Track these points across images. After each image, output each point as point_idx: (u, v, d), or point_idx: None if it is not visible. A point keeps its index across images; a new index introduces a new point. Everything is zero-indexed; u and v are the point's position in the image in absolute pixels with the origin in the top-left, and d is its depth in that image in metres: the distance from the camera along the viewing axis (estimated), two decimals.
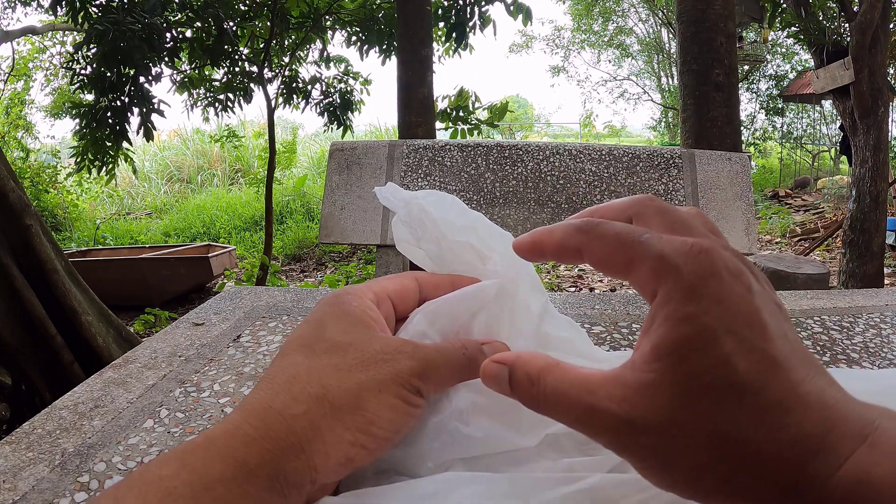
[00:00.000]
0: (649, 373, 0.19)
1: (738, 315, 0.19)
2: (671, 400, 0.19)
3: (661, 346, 0.19)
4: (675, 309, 0.19)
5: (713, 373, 0.18)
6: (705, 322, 0.19)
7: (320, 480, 0.24)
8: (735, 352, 0.18)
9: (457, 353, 0.28)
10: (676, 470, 0.19)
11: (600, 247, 0.22)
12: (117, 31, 2.65)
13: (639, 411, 0.19)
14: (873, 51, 3.86)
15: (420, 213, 0.33)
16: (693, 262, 0.20)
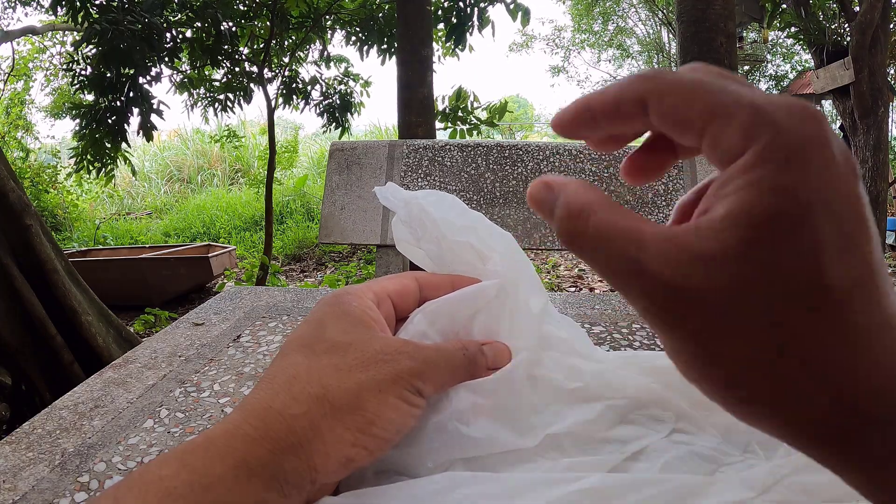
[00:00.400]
0: (716, 241, 0.16)
1: (844, 199, 0.16)
2: (739, 280, 0.15)
3: (740, 214, 0.16)
4: (770, 174, 0.15)
5: (802, 263, 0.15)
6: (807, 198, 0.15)
7: (320, 480, 0.24)
8: (834, 245, 0.15)
9: (457, 354, 0.28)
10: (716, 363, 0.16)
11: (674, 93, 0.18)
12: (117, 31, 2.65)
13: (693, 282, 0.16)
14: (873, 51, 3.86)
15: (420, 213, 0.33)
16: (799, 122, 0.16)
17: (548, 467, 0.28)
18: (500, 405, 0.29)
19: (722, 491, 0.25)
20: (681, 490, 0.25)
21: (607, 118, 0.19)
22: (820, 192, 0.15)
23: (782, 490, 0.25)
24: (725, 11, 2.13)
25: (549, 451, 0.29)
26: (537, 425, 0.29)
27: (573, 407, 0.30)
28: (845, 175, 0.16)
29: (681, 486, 0.25)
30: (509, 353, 0.30)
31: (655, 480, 0.25)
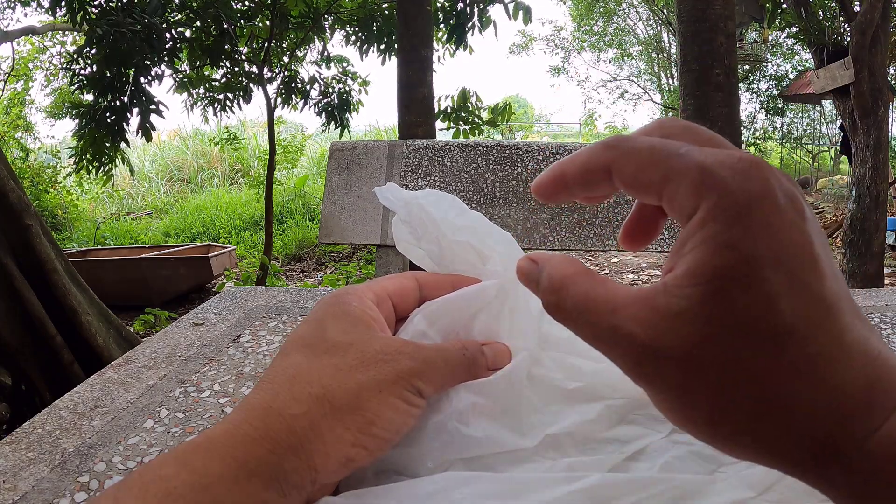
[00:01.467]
0: (681, 299, 0.17)
1: (790, 247, 0.17)
2: (702, 334, 0.17)
3: (697, 272, 0.17)
4: (719, 231, 0.17)
5: (756, 313, 0.16)
6: (753, 252, 0.16)
7: (320, 480, 0.24)
8: (784, 292, 0.16)
9: (457, 354, 0.28)
10: (696, 408, 0.17)
11: (632, 161, 0.20)
12: (117, 32, 2.65)
13: (665, 340, 0.17)
14: (873, 51, 3.86)
15: (420, 213, 0.33)
16: (742, 178, 0.17)
17: (547, 467, 0.28)
18: (499, 405, 0.29)
19: (722, 490, 0.25)
20: (681, 489, 0.25)
21: (579, 186, 0.22)
22: (765, 243, 0.17)
23: (783, 489, 0.25)
24: (725, 11, 2.13)
25: (548, 451, 0.29)
26: (537, 425, 0.29)
27: (573, 407, 0.30)
28: (791, 221, 0.17)
29: (681, 485, 0.25)
30: (509, 354, 0.30)
31: (656, 480, 0.25)
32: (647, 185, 0.19)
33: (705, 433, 0.18)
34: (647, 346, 0.18)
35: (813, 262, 0.17)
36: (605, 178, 0.21)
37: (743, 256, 0.16)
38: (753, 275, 0.16)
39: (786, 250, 0.17)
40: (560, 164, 0.22)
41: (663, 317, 0.17)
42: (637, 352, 0.18)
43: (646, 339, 0.18)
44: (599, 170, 0.21)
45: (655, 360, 0.17)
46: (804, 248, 0.17)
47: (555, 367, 0.31)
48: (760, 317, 0.16)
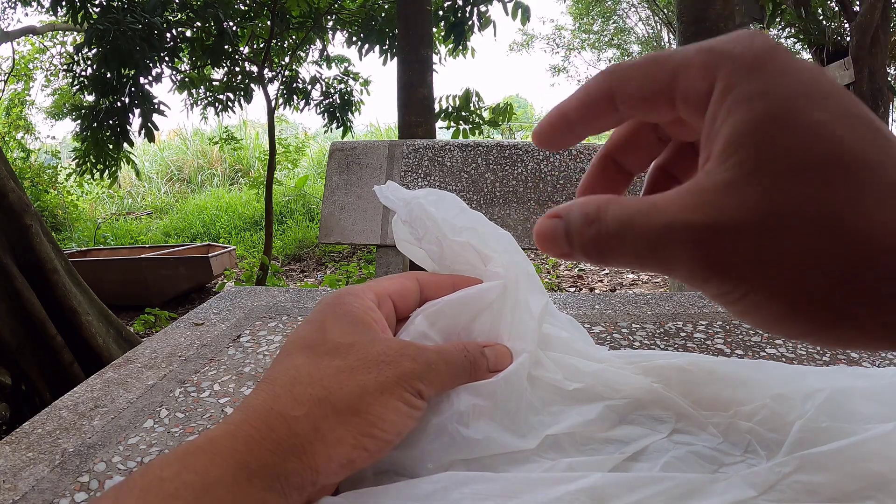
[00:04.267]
0: (730, 170, 0.16)
1: (819, 84, 0.16)
2: (767, 190, 0.15)
3: (736, 135, 0.16)
4: (743, 90, 0.16)
5: (812, 147, 0.15)
6: (784, 92, 0.16)
7: (321, 481, 0.24)
8: (832, 121, 0.15)
9: (458, 356, 0.28)
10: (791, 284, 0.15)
11: (635, 75, 0.19)
12: (118, 31, 2.65)
13: (729, 213, 0.15)
14: (873, 51, 3.86)
15: (420, 213, 0.33)
16: (746, 42, 0.17)
17: (547, 467, 0.28)
18: (500, 407, 0.28)
19: (724, 490, 0.25)
20: (682, 489, 0.24)
21: (582, 120, 0.21)
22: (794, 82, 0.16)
23: (784, 489, 0.25)
24: (725, 11, 2.13)
25: (549, 452, 0.29)
26: (537, 426, 0.29)
27: (573, 407, 0.30)
28: (806, 65, 0.16)
29: (682, 484, 0.25)
30: (510, 356, 0.30)
31: (656, 479, 0.25)
32: (655, 93, 0.18)
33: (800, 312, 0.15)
34: (709, 228, 0.16)
35: (850, 96, 0.16)
36: (608, 105, 0.20)
37: (777, 97, 0.15)
38: (794, 111, 0.15)
39: (819, 87, 0.16)
40: (559, 105, 0.21)
41: (716, 193, 0.16)
42: (700, 238, 0.16)
43: (706, 220, 0.16)
44: (601, 97, 0.20)
45: (723, 240, 0.15)
46: (836, 86, 0.16)
47: (555, 368, 0.31)
48: (820, 146, 0.15)
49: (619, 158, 0.24)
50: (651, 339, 0.53)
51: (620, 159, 0.24)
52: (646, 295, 0.66)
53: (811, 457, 0.25)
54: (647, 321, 0.57)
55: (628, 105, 0.19)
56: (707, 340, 0.53)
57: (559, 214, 0.19)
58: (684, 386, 0.32)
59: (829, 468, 0.25)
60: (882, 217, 0.14)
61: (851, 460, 0.25)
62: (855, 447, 0.25)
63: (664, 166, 0.23)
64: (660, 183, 0.23)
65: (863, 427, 0.27)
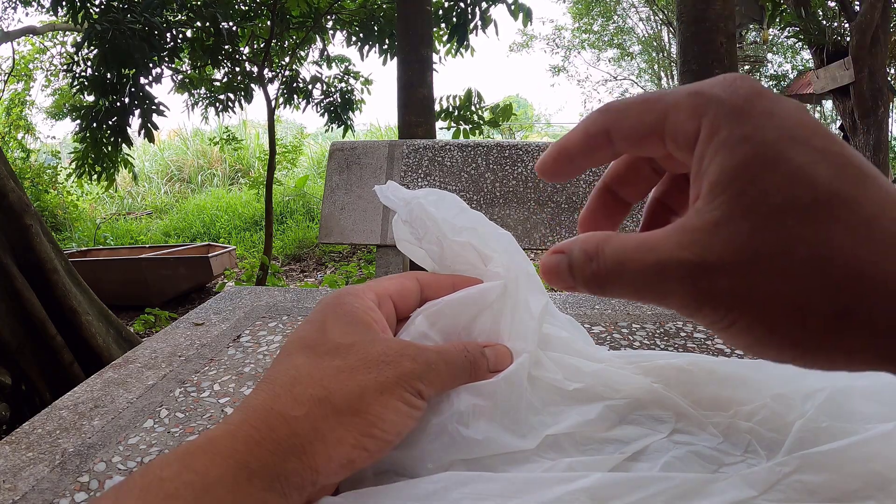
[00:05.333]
0: (716, 209, 0.17)
1: (800, 126, 0.17)
2: (751, 230, 0.16)
3: (721, 177, 0.17)
4: (728, 134, 0.17)
5: (792, 188, 0.16)
6: (766, 137, 0.16)
7: (321, 481, 0.24)
8: (811, 162, 0.16)
9: (458, 356, 0.28)
10: (773, 312, 0.16)
11: (629, 114, 0.20)
12: (117, 31, 2.65)
13: (715, 251, 0.17)
14: (873, 51, 3.86)
15: (421, 213, 0.33)
16: (732, 87, 0.18)
17: (547, 467, 0.28)
18: (500, 407, 0.28)
19: (724, 490, 0.25)
20: (682, 489, 0.24)
21: (582, 154, 0.22)
22: (776, 126, 0.17)
23: (784, 489, 0.25)
24: (725, 11, 2.13)
25: (549, 452, 0.29)
26: (537, 426, 0.29)
27: (573, 407, 0.30)
28: (793, 107, 0.17)
29: (682, 484, 0.25)
30: (511, 356, 0.30)
31: (656, 479, 0.25)
32: (648, 132, 0.20)
33: (789, 341, 0.16)
34: (697, 265, 0.17)
35: (830, 135, 0.17)
36: (605, 141, 0.21)
37: (759, 142, 0.16)
38: (775, 154, 0.16)
39: (800, 129, 0.17)
40: (559, 141, 0.23)
41: (704, 232, 0.17)
42: (689, 275, 0.17)
43: (694, 258, 0.17)
44: (599, 133, 0.21)
45: (714, 276, 0.17)
46: (817, 126, 0.17)
47: (555, 368, 0.31)
48: (799, 190, 0.16)
49: (617, 190, 0.25)
50: (651, 339, 0.53)
51: (618, 190, 0.25)
52: None
53: (811, 457, 0.25)
54: (647, 321, 0.57)
55: (623, 142, 0.21)
56: (707, 340, 0.53)
57: (563, 250, 0.21)
58: (684, 386, 0.32)
59: (829, 468, 0.25)
60: (862, 253, 0.15)
61: (851, 460, 0.25)
62: (855, 447, 0.25)
63: (661, 199, 0.25)
64: (657, 214, 0.25)
65: (863, 427, 0.27)
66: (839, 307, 0.15)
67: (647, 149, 0.21)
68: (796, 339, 0.16)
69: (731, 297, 0.17)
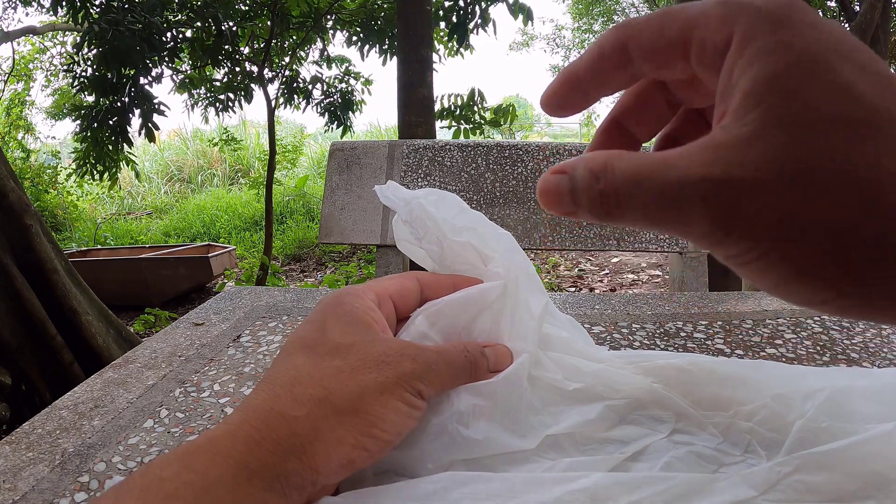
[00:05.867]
0: (749, 124, 0.15)
1: (842, 39, 0.15)
2: (789, 143, 0.14)
3: (756, 88, 0.15)
4: (765, 42, 0.15)
5: (838, 102, 0.14)
6: (807, 46, 0.15)
7: (321, 481, 0.24)
8: (856, 77, 0.15)
9: (458, 356, 0.28)
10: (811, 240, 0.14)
11: (650, 25, 0.18)
12: (117, 31, 2.65)
13: (747, 169, 0.15)
14: (873, 51, 3.85)
15: (421, 213, 0.33)
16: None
17: (547, 467, 0.28)
18: (500, 407, 0.28)
19: (724, 490, 0.25)
20: (682, 489, 0.24)
21: (593, 78, 0.19)
22: (816, 37, 0.15)
23: (784, 489, 0.25)
24: None
25: (549, 452, 0.29)
26: (537, 426, 0.29)
27: (573, 407, 0.30)
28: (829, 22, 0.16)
29: (682, 484, 0.25)
30: (511, 356, 0.30)
31: (656, 479, 0.25)
32: (670, 46, 0.18)
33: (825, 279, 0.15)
34: (726, 183, 0.15)
35: (871, 53, 0.15)
36: (622, 60, 0.19)
37: (799, 50, 0.15)
38: (817, 64, 0.15)
39: (839, 41, 0.15)
40: (568, 65, 0.20)
41: (734, 148, 0.15)
42: (717, 194, 0.15)
43: (723, 175, 0.15)
44: (615, 51, 0.19)
45: (741, 196, 0.15)
46: (857, 42, 0.15)
47: (555, 368, 0.31)
48: (846, 103, 0.14)
49: (627, 124, 0.22)
50: (651, 339, 0.53)
51: (628, 124, 0.22)
52: (646, 295, 0.66)
53: (811, 457, 0.25)
54: (647, 321, 0.57)
55: (643, 58, 0.18)
56: (707, 340, 0.53)
57: (565, 170, 0.18)
58: (684, 386, 0.32)
59: (829, 468, 0.25)
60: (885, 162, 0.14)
61: (851, 460, 0.25)
62: (855, 447, 0.25)
63: (672, 135, 0.22)
64: None
65: (863, 427, 0.27)
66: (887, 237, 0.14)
67: (669, 67, 0.18)
68: (835, 275, 0.14)
69: (762, 222, 0.15)
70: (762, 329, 0.55)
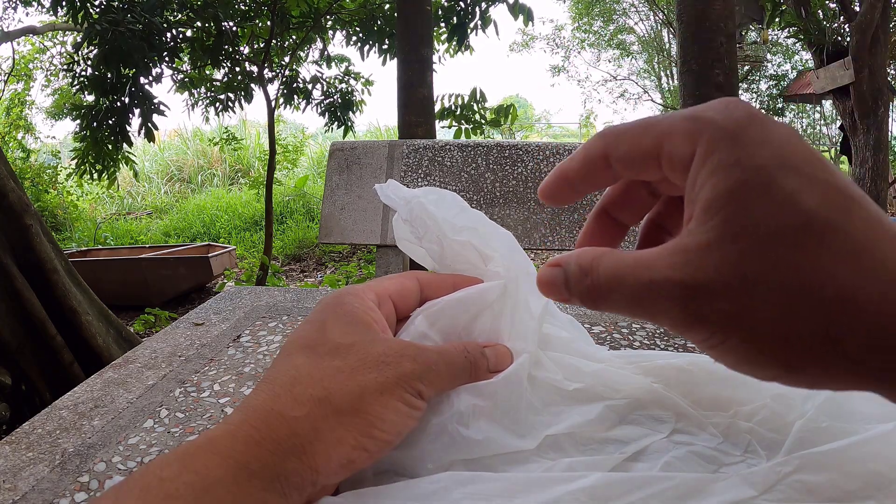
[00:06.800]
0: (708, 232, 0.17)
1: (794, 152, 0.17)
2: (741, 254, 0.17)
3: (714, 200, 0.17)
4: (721, 158, 0.17)
5: (782, 215, 0.16)
6: (758, 162, 0.17)
7: (321, 482, 0.24)
8: (800, 189, 0.16)
9: (458, 357, 0.28)
10: (761, 334, 0.17)
11: (626, 139, 0.21)
12: (117, 32, 2.65)
13: (706, 273, 0.17)
14: (873, 51, 3.86)
15: (421, 212, 0.33)
16: (728, 111, 0.18)
17: (548, 467, 0.28)
18: (500, 407, 0.28)
19: (724, 489, 0.25)
20: (682, 489, 0.24)
21: (581, 179, 0.23)
22: (769, 152, 0.17)
23: (784, 489, 0.25)
24: (725, 11, 2.13)
25: (549, 452, 0.29)
26: (537, 426, 0.29)
27: (573, 407, 0.30)
28: (787, 133, 0.18)
29: (682, 484, 0.25)
30: (511, 356, 0.30)
31: (656, 479, 0.25)
32: (643, 155, 0.20)
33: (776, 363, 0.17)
34: (688, 286, 0.17)
35: (820, 161, 0.17)
36: (604, 165, 0.22)
37: (751, 167, 0.17)
38: (767, 180, 0.17)
39: (791, 155, 0.17)
40: (560, 166, 0.23)
41: (696, 254, 0.17)
42: (683, 297, 0.17)
43: (686, 279, 0.17)
44: (598, 158, 0.22)
45: (705, 298, 0.17)
46: (808, 152, 0.17)
47: (555, 368, 0.31)
48: (789, 217, 0.16)
49: (614, 213, 0.26)
50: (651, 339, 0.53)
51: (615, 214, 0.26)
52: None
53: (811, 457, 0.25)
54: (646, 321, 0.57)
55: (621, 165, 0.21)
56: None
57: (560, 263, 0.21)
58: (684, 386, 0.32)
59: (829, 468, 0.25)
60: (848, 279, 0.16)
61: (851, 460, 0.25)
62: (855, 447, 0.25)
63: (656, 220, 0.25)
64: (652, 235, 0.25)
65: (863, 427, 0.27)
66: (825, 331, 0.16)
67: (645, 172, 0.21)
68: (782, 360, 0.17)
69: (720, 318, 0.17)
70: None
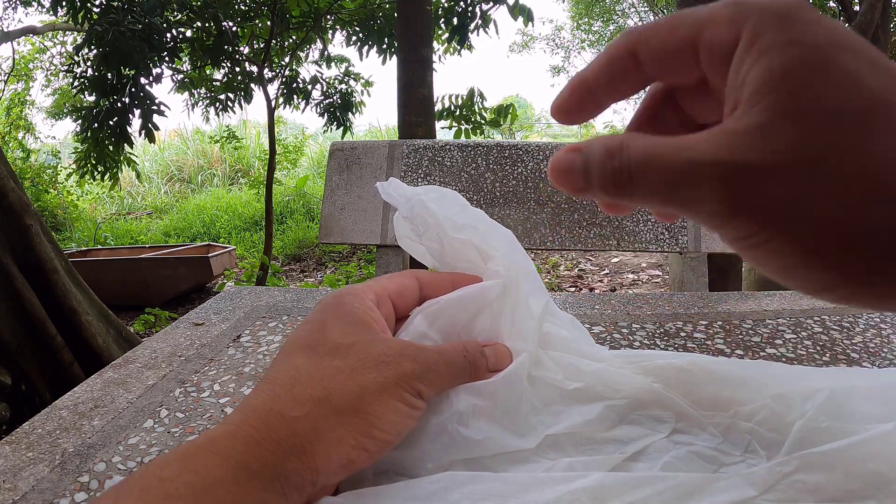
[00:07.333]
0: (761, 113, 0.15)
1: (847, 35, 0.16)
2: (801, 133, 0.15)
3: (766, 80, 0.16)
4: (773, 37, 0.16)
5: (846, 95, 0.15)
6: (815, 40, 0.15)
7: (321, 481, 0.23)
8: (863, 70, 0.15)
9: (458, 356, 0.28)
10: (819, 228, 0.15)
11: (659, 30, 0.18)
12: (117, 32, 2.65)
13: (759, 153, 0.15)
14: None
15: (421, 210, 0.33)
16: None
17: (547, 467, 0.28)
18: (500, 407, 0.28)
19: (724, 489, 0.25)
20: (682, 489, 0.24)
21: (604, 84, 0.20)
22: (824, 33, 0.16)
23: (784, 489, 0.25)
24: None
25: (548, 452, 0.29)
26: (537, 426, 0.29)
27: (573, 407, 0.30)
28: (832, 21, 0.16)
29: (682, 484, 0.25)
30: (510, 356, 0.30)
31: (656, 479, 0.25)
32: (679, 49, 0.18)
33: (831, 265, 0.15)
34: (738, 167, 0.15)
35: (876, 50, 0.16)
36: (631, 65, 0.19)
37: (809, 45, 0.15)
38: (826, 58, 0.15)
39: (845, 38, 0.16)
40: (577, 74, 0.20)
41: (748, 135, 0.15)
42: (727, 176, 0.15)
43: (736, 159, 0.15)
44: (624, 57, 0.19)
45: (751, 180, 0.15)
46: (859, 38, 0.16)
47: (555, 367, 0.31)
48: (853, 95, 0.15)
49: None
50: (651, 339, 0.53)
51: None
52: (646, 295, 0.66)
53: (811, 457, 0.25)
54: (647, 321, 0.57)
55: (651, 61, 0.19)
56: (707, 340, 0.53)
57: (580, 148, 0.18)
58: (684, 386, 0.32)
59: (830, 468, 0.25)
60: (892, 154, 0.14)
61: (851, 460, 0.25)
62: (855, 447, 0.25)
63: None
64: None
65: (863, 427, 0.27)
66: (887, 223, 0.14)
67: (679, 71, 0.19)
68: (841, 263, 0.15)
69: (770, 207, 0.15)
70: (762, 329, 0.55)
